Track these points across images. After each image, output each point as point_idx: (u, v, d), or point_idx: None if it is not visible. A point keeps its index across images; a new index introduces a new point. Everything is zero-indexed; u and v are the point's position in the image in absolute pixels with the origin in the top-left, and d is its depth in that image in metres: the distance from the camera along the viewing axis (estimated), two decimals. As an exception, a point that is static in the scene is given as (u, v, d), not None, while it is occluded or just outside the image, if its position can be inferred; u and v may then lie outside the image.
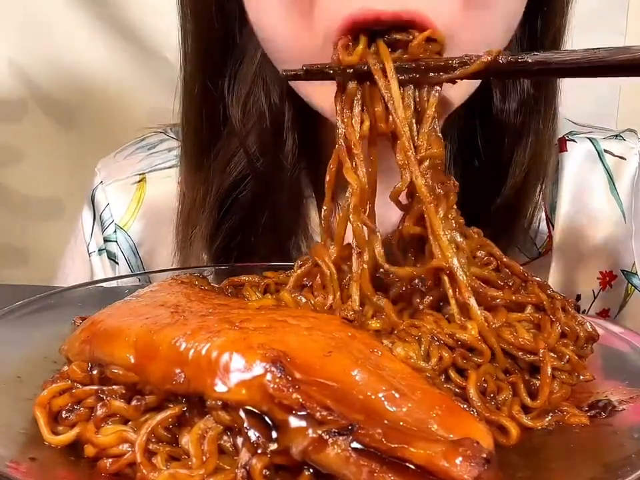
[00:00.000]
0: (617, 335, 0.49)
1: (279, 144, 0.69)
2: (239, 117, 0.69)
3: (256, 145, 0.69)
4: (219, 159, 0.71)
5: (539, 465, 0.36)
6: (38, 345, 0.47)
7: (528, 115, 0.68)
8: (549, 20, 0.66)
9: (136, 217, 0.82)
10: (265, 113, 0.69)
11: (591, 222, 0.77)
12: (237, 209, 0.71)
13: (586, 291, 0.77)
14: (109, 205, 0.83)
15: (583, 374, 0.43)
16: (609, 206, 0.77)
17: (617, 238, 0.77)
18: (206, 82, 0.69)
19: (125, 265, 0.82)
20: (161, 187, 0.81)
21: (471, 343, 0.41)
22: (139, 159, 0.84)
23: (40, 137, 1.35)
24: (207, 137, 0.72)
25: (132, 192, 0.82)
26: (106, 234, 0.83)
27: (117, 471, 0.35)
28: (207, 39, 0.69)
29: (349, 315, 0.43)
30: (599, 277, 0.77)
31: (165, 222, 0.77)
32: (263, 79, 0.68)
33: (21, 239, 1.40)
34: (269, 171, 0.70)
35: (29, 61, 1.31)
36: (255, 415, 0.33)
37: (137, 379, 0.37)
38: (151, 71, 1.29)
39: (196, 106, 0.71)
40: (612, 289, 0.77)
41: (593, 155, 0.78)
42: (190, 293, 0.44)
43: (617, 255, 0.77)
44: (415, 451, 0.30)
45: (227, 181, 0.70)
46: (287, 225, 0.72)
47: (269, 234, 0.71)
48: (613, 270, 0.77)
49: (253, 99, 0.69)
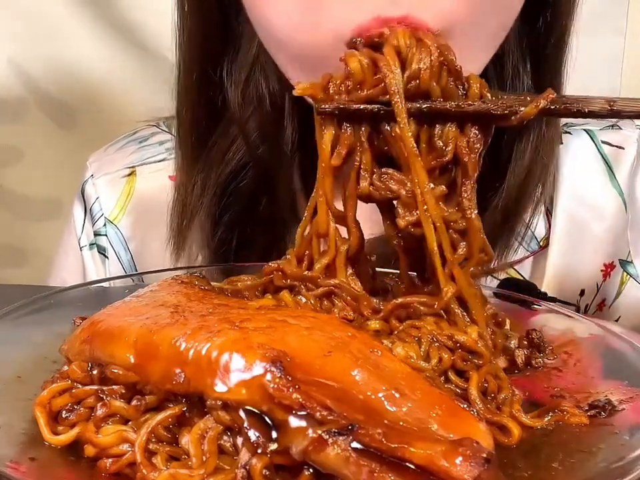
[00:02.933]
0: (617, 334, 0.49)
1: (279, 130, 0.68)
2: (239, 102, 0.68)
3: (256, 131, 0.68)
4: (217, 147, 0.70)
5: (539, 464, 0.36)
6: (38, 345, 0.47)
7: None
8: (553, 19, 0.66)
9: (126, 211, 0.81)
10: (265, 97, 0.67)
11: (592, 214, 0.76)
12: (237, 199, 0.70)
13: (590, 285, 0.76)
14: (98, 198, 0.82)
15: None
16: (609, 197, 0.76)
17: (618, 228, 0.76)
18: (204, 68, 0.68)
19: (114, 259, 0.81)
20: (151, 181, 0.80)
21: (470, 346, 0.41)
22: (129, 152, 0.83)
23: (40, 137, 1.35)
24: (205, 125, 0.70)
25: (121, 185, 0.81)
26: (96, 228, 0.82)
27: (117, 471, 0.35)
28: (205, 24, 0.67)
29: (348, 315, 0.43)
30: (602, 269, 0.76)
31: (155, 216, 0.76)
32: (261, 63, 0.67)
33: (21, 238, 1.40)
34: (268, 158, 0.69)
35: (29, 60, 1.31)
36: (254, 414, 0.33)
37: (137, 379, 0.37)
38: (151, 71, 1.29)
39: (193, 93, 0.70)
40: (610, 278, 0.77)
41: (590, 146, 0.78)
42: (190, 292, 0.44)
43: (617, 245, 0.76)
44: (415, 450, 0.30)
45: (226, 169, 0.69)
46: (283, 217, 0.71)
47: (267, 226, 0.70)
48: (613, 261, 0.77)
49: (252, 84, 0.68)
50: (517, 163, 0.68)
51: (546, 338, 0.50)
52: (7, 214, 1.39)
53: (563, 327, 0.52)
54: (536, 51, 0.67)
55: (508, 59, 0.66)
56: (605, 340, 0.48)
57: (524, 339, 0.49)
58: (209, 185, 0.70)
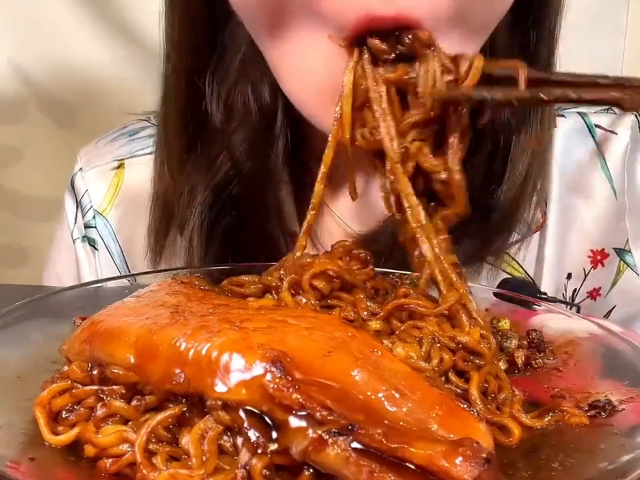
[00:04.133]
0: (617, 334, 0.49)
1: (268, 144, 0.68)
2: (222, 113, 0.67)
3: (242, 145, 0.67)
4: (203, 158, 0.69)
5: (539, 464, 0.36)
6: (38, 345, 0.47)
7: (523, 114, 0.68)
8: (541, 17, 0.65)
9: (114, 203, 0.81)
10: (252, 110, 0.66)
11: (580, 199, 0.75)
12: (227, 212, 0.69)
13: (577, 269, 0.76)
14: (87, 191, 0.82)
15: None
16: (599, 182, 0.75)
17: (608, 216, 0.75)
18: (191, 76, 0.68)
19: (104, 251, 0.81)
20: (140, 173, 0.80)
21: (472, 346, 0.41)
22: (119, 145, 0.84)
23: (40, 136, 1.35)
24: (191, 135, 0.70)
25: (110, 178, 0.81)
26: (85, 220, 0.82)
27: (117, 471, 0.35)
28: (192, 33, 0.67)
29: (349, 315, 0.43)
30: (590, 255, 0.76)
31: (143, 208, 0.76)
32: (249, 75, 0.66)
33: (21, 238, 1.40)
34: (255, 173, 0.68)
35: (29, 60, 1.31)
36: (255, 415, 0.33)
37: (137, 379, 0.37)
38: (151, 71, 1.28)
39: (181, 102, 0.69)
40: (604, 267, 0.76)
41: (582, 129, 0.76)
42: (190, 293, 0.44)
43: (608, 232, 0.75)
44: (415, 451, 0.30)
45: (212, 182, 0.69)
46: (269, 227, 0.70)
47: (252, 236, 0.70)
48: (605, 248, 0.76)
49: (238, 95, 0.67)
50: (515, 163, 0.68)
51: (546, 338, 0.50)
52: (7, 214, 1.39)
53: (563, 327, 0.52)
54: (526, 49, 0.67)
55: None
56: (605, 340, 0.48)
57: (524, 339, 0.49)
58: (197, 195, 0.69)
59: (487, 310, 0.54)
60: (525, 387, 0.44)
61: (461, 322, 0.43)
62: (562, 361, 0.48)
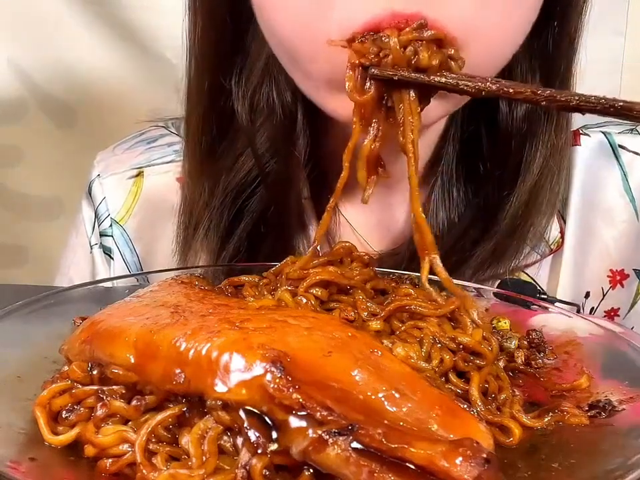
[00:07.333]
0: (617, 334, 0.49)
1: (291, 143, 0.68)
2: (247, 112, 0.67)
3: (266, 144, 0.68)
4: (224, 158, 0.70)
5: (539, 465, 0.36)
6: (38, 345, 0.47)
7: (536, 123, 0.67)
8: (561, 29, 0.65)
9: (132, 212, 0.80)
10: (276, 108, 0.67)
11: (602, 219, 0.75)
12: (247, 210, 0.69)
13: (595, 288, 0.76)
14: (105, 198, 0.81)
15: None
16: (621, 203, 0.75)
17: (628, 236, 0.75)
18: (216, 77, 0.68)
19: (120, 261, 0.81)
20: (158, 182, 0.79)
21: (473, 347, 0.41)
22: (137, 152, 0.83)
23: (40, 137, 1.35)
24: (214, 133, 0.70)
25: (128, 186, 0.81)
26: (102, 228, 0.81)
27: (116, 471, 0.35)
28: (217, 33, 0.67)
29: (349, 315, 0.43)
30: (609, 274, 0.75)
31: (162, 217, 0.76)
32: (272, 74, 0.66)
33: (21, 238, 1.40)
34: (279, 172, 0.68)
35: (29, 60, 1.31)
36: (255, 414, 0.33)
37: (137, 379, 0.37)
38: (151, 71, 1.29)
39: (204, 102, 0.69)
40: (623, 288, 0.76)
41: (606, 149, 0.76)
42: (190, 293, 0.44)
43: (629, 253, 0.75)
44: (415, 451, 0.30)
45: (234, 179, 0.69)
46: (290, 226, 0.70)
47: (274, 234, 0.70)
48: (624, 268, 0.76)
49: (262, 94, 0.67)
50: (527, 172, 0.67)
51: (546, 338, 0.50)
52: (8, 214, 1.39)
53: (563, 327, 0.52)
54: (545, 61, 0.66)
55: (516, 70, 0.66)
56: (605, 340, 0.48)
57: (524, 339, 0.49)
58: (217, 195, 0.69)
59: (486, 310, 0.54)
60: (524, 387, 0.45)
61: (464, 323, 0.43)
62: (562, 361, 0.48)
